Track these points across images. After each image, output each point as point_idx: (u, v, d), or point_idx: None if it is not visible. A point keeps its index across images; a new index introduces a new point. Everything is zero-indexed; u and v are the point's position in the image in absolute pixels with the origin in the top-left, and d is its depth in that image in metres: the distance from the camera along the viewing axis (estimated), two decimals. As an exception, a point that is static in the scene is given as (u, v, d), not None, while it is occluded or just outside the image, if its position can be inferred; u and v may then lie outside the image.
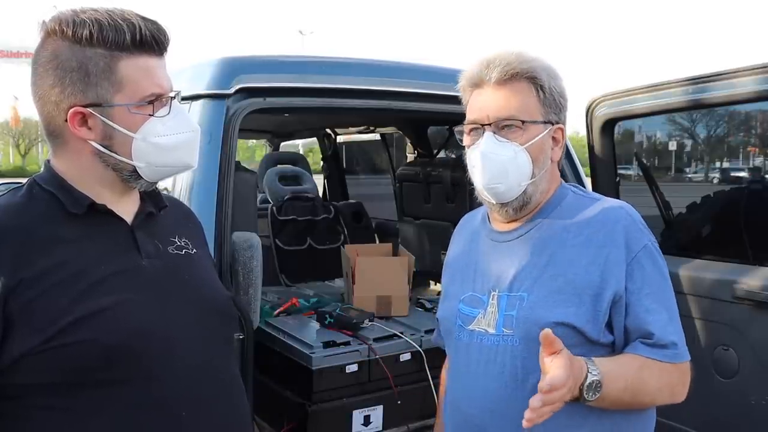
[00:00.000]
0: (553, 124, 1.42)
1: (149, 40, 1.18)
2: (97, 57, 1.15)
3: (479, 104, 1.41)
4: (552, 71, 1.42)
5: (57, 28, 1.16)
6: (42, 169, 1.26)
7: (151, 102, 1.19)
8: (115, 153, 1.19)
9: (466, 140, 1.45)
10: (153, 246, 1.26)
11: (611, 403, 1.28)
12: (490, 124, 1.38)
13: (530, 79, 1.38)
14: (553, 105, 1.41)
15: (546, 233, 1.41)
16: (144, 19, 1.19)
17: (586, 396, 1.22)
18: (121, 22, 1.16)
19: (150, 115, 1.20)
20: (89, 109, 1.16)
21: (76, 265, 1.13)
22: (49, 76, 1.17)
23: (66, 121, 1.17)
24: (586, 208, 1.41)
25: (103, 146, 1.19)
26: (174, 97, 1.23)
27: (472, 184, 1.46)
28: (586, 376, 1.22)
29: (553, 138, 1.43)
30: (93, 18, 1.15)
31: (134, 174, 1.22)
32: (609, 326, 1.35)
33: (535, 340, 1.31)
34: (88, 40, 1.15)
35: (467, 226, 1.64)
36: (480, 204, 1.53)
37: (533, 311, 1.35)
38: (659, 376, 1.32)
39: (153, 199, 1.33)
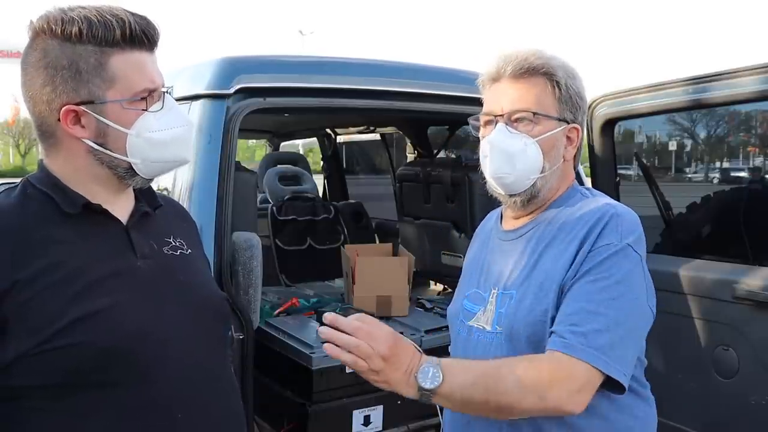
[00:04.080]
0: (568, 123, 1.41)
1: (139, 35, 1.17)
2: (88, 54, 1.14)
3: (494, 97, 1.42)
4: (570, 71, 1.42)
5: (45, 26, 1.14)
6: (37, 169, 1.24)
7: (143, 98, 1.18)
8: (110, 150, 1.18)
9: (481, 132, 1.46)
10: (148, 246, 1.25)
11: (462, 399, 1.21)
12: (502, 116, 1.39)
13: (546, 75, 1.39)
14: (569, 103, 1.41)
15: (545, 232, 1.41)
16: (133, 14, 1.17)
17: (421, 382, 1.19)
18: (110, 17, 1.14)
19: (143, 110, 1.18)
20: (82, 107, 1.15)
21: (71, 265, 1.12)
22: (39, 76, 1.15)
23: (59, 120, 1.16)
24: (584, 207, 1.41)
25: (97, 144, 1.17)
26: (166, 92, 1.22)
27: (485, 179, 1.46)
28: (420, 362, 1.21)
29: (568, 137, 1.43)
30: (82, 15, 1.14)
31: (129, 171, 1.21)
32: None
33: (516, 337, 1.33)
34: (77, 37, 1.13)
35: (484, 227, 1.65)
36: (495, 201, 1.53)
37: (516, 309, 1.35)
38: (524, 373, 1.20)
39: (148, 199, 1.32)
